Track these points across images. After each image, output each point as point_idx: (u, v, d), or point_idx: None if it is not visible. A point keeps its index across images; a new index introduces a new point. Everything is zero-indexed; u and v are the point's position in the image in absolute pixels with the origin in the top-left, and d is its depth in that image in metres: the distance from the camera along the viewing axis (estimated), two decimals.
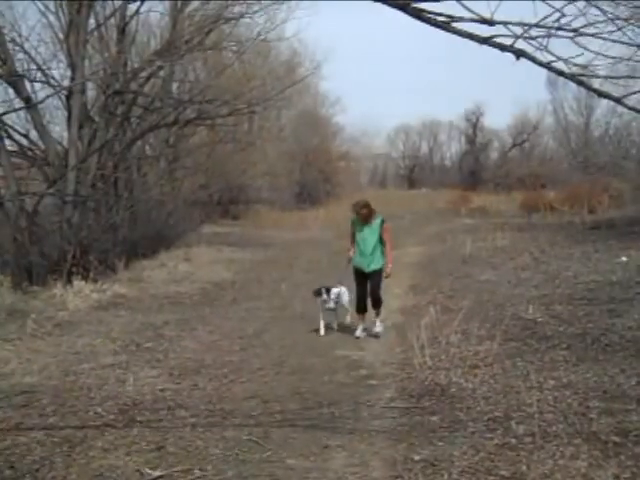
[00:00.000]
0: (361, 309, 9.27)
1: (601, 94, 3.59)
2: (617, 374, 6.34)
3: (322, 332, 9.23)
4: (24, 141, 15.50)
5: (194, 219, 23.09)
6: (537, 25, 3.35)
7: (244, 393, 6.68)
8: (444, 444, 5.02)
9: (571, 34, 3.40)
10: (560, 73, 3.50)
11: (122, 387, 6.91)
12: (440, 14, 3.66)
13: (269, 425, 5.67)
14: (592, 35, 3.43)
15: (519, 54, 3.49)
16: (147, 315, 11.11)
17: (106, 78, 15.02)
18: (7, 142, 14.33)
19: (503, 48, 3.51)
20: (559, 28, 3.35)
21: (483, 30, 3.74)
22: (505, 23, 3.41)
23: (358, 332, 9.16)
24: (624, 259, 13.55)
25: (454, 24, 3.57)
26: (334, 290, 9.46)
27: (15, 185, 13.67)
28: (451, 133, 65.63)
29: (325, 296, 9.31)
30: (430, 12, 3.68)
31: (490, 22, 3.46)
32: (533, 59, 3.46)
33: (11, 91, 14.20)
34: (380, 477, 4.57)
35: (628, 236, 17.17)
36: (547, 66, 3.46)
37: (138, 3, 16.03)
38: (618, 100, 3.58)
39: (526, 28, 3.34)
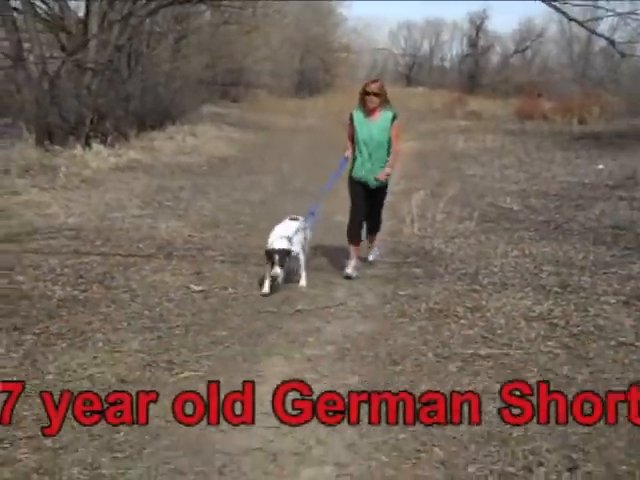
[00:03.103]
0: (356, 236, 6.94)
1: (570, 17, 4.59)
2: (570, 250, 7.64)
3: (266, 289, 6.21)
4: (43, 7, 16.06)
5: (197, 98, 23.86)
6: None
7: (259, 244, 7.88)
8: (424, 286, 6.31)
9: None
10: None
11: (156, 231, 8.15)
12: None
13: None
14: None
15: None
16: (162, 180, 12.24)
17: None
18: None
19: None
20: None
21: None
22: None
23: (349, 269, 6.77)
24: (601, 167, 14.71)
25: None
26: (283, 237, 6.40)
27: (39, 48, 14.37)
28: (454, 34, 65.07)
29: (278, 269, 6.15)
30: None
31: None
32: None
33: None
34: (374, 303, 5.86)
35: (610, 147, 18.26)
36: None
37: None
38: (581, 24, 4.58)
39: None
